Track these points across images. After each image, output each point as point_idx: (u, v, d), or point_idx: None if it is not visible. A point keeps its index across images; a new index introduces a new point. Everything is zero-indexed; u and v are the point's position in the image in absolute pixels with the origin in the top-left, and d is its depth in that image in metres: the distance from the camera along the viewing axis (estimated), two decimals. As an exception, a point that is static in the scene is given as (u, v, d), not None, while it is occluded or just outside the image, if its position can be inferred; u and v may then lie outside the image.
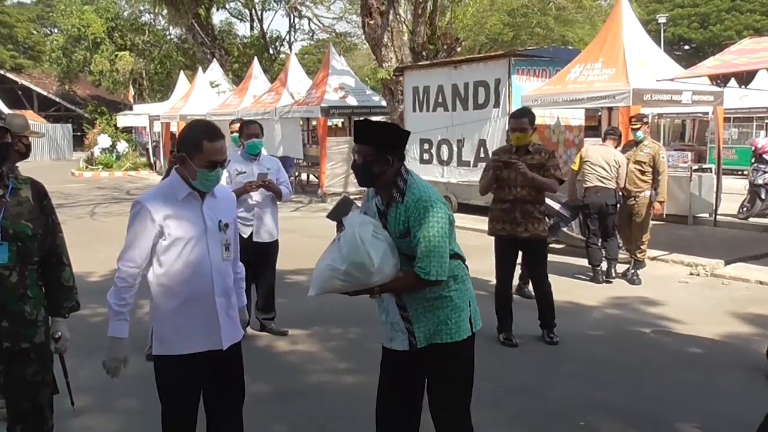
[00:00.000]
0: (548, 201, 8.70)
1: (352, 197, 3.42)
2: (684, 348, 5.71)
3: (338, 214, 3.10)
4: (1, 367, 2.94)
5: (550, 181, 5.70)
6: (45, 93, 42.63)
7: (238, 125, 6.50)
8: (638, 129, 8.12)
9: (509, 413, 4.43)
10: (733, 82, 10.04)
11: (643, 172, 7.92)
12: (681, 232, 10.88)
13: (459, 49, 17.35)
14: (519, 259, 6.06)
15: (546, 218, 8.45)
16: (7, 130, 2.99)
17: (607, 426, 4.23)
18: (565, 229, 9.30)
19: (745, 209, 12.19)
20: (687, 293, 7.46)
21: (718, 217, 11.65)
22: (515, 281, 6.34)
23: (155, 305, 3.11)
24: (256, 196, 5.88)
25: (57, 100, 42.79)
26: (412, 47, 16.63)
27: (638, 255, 8.06)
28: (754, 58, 8.62)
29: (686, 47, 48.00)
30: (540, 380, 4.97)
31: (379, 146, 3.03)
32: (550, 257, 6.42)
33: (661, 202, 8.02)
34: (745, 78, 9.22)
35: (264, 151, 6.20)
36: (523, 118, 5.83)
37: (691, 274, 8.36)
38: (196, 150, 3.00)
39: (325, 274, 2.97)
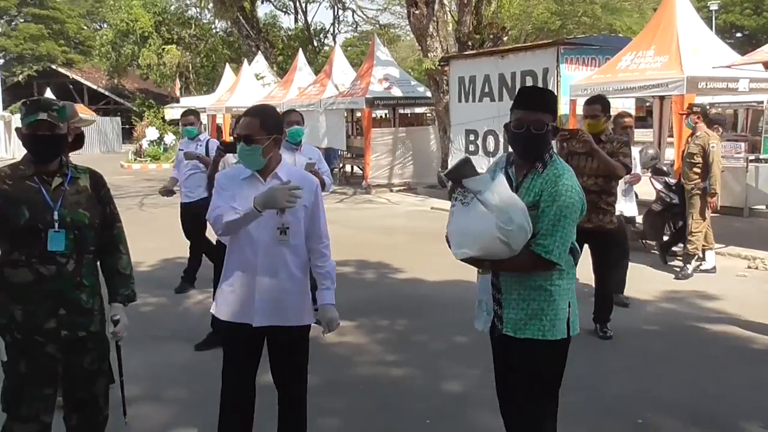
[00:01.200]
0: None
1: (395, 189, 3.37)
2: (745, 344, 5.50)
3: (459, 174, 2.84)
4: (60, 356, 2.94)
5: (616, 163, 5.49)
6: (95, 87, 43.48)
7: (192, 116, 7.18)
8: (687, 116, 7.91)
9: (564, 409, 4.27)
10: None
11: (693, 164, 7.65)
12: (737, 225, 10.53)
13: (505, 39, 17.06)
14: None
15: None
16: (63, 121, 2.96)
17: (666, 423, 4.08)
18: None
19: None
20: (745, 287, 7.19)
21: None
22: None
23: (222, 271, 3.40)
24: None
25: (106, 93, 43.63)
26: (458, 37, 16.43)
27: (689, 248, 7.79)
28: (817, 43, 8.25)
29: (738, 35, 46.56)
30: (595, 375, 4.83)
31: (555, 114, 2.95)
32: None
33: (712, 195, 7.70)
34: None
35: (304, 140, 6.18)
36: (595, 104, 5.68)
37: (749, 267, 8.07)
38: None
39: (489, 233, 2.71)
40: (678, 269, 7.77)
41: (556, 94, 3.13)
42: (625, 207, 6.96)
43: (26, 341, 2.87)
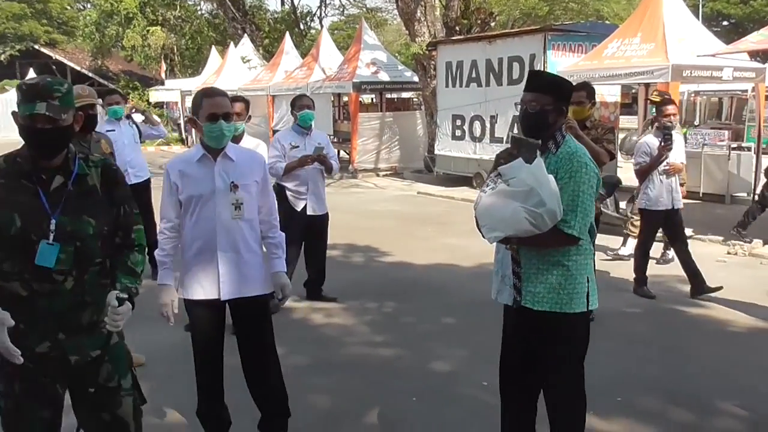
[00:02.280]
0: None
1: (382, 173, 3.48)
2: (723, 326, 5.66)
3: (521, 151, 2.95)
4: (61, 377, 2.54)
5: (600, 149, 5.57)
6: (78, 68, 42.99)
7: (115, 96, 7.14)
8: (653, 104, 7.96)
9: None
10: None
11: None
12: (718, 211, 10.71)
13: (493, 24, 17.13)
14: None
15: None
16: (67, 109, 2.41)
17: (644, 402, 4.21)
18: (600, 207, 9.21)
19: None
20: (725, 272, 7.35)
21: (756, 196, 11.43)
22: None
23: (182, 255, 3.49)
24: (309, 170, 5.94)
25: (90, 75, 43.12)
26: (446, 22, 16.45)
27: (631, 229, 8.01)
28: (800, 32, 8.39)
29: (725, 23, 46.76)
30: (577, 356, 4.96)
31: (557, 96, 3.06)
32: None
33: (681, 185, 7.81)
34: (786, 53, 9.02)
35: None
36: (580, 91, 5.73)
37: (729, 253, 8.24)
38: (198, 108, 3.35)
39: (520, 216, 2.84)
40: (659, 255, 7.91)
41: (566, 81, 3.31)
42: (666, 197, 6.41)
43: (8, 363, 2.40)
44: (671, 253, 7.82)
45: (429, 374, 4.69)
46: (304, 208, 5.99)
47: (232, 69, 23.33)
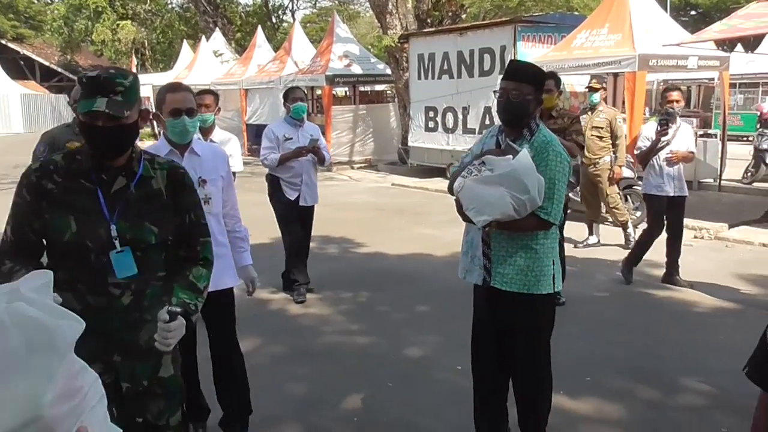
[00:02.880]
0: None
1: (356, 166, 3.55)
2: (689, 308, 5.84)
3: (506, 151, 3.11)
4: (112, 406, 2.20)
5: (570, 145, 5.73)
6: (47, 63, 42.38)
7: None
8: (597, 90, 8.00)
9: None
10: (739, 47, 10.02)
11: (601, 138, 7.87)
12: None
13: (464, 16, 17.23)
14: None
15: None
16: (131, 105, 2.18)
17: (612, 381, 4.36)
18: (570, 194, 9.38)
19: (749, 174, 12.24)
20: (692, 256, 7.55)
21: (722, 182, 11.72)
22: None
23: None
24: (303, 161, 6.03)
25: (59, 70, 42.57)
26: (417, 14, 16.52)
27: (619, 219, 8.14)
28: (761, 22, 8.61)
29: (693, 12, 47.38)
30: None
31: (537, 87, 3.17)
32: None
33: (620, 167, 8.02)
34: (752, 43, 9.22)
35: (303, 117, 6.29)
36: (548, 79, 5.87)
37: (696, 237, 8.45)
38: (162, 103, 3.31)
39: (505, 200, 2.98)
40: (626, 240, 8.08)
41: (543, 71, 3.47)
42: (668, 183, 6.31)
43: None
44: (593, 238, 8.05)
45: (404, 360, 4.79)
46: (298, 198, 6.09)
47: (205, 63, 23.20)
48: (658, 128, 6.15)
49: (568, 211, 9.58)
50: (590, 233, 8.23)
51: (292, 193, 6.09)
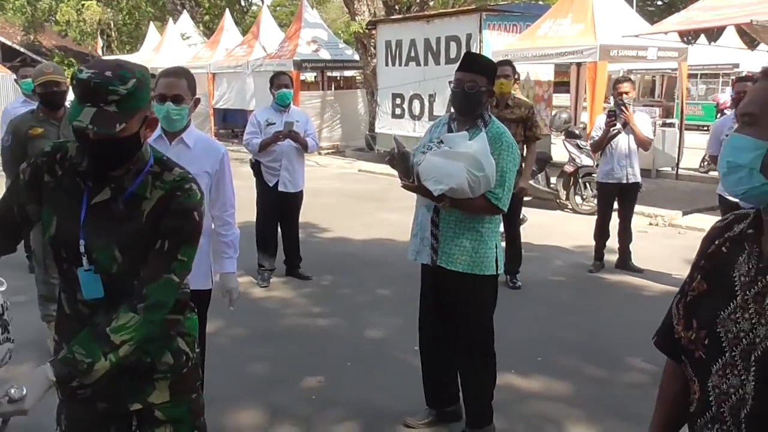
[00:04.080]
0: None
1: (324, 152, 3.62)
2: (639, 291, 6.08)
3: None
4: (106, 424, 2.12)
5: (532, 156, 6.01)
6: (9, 43, 41.39)
7: (30, 70, 6.42)
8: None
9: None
10: (702, 38, 10.31)
11: None
12: (644, 185, 11.21)
13: (432, 3, 17.31)
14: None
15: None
16: (132, 113, 1.84)
17: (561, 360, 4.56)
18: (532, 182, 9.58)
19: (706, 163, 12.57)
20: (645, 242, 7.81)
21: (679, 170, 12.03)
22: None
23: None
24: (283, 146, 6.07)
25: (22, 50, 41.57)
26: (385, 1, 16.57)
27: None
28: (716, 14, 8.86)
29: (659, 2, 48.03)
30: (503, 321, 5.21)
31: (490, 78, 3.33)
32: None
33: None
34: (715, 34, 9.49)
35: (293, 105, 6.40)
36: (506, 66, 6.03)
37: (651, 224, 8.72)
38: (155, 87, 3.18)
39: (462, 174, 3.13)
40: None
41: (493, 61, 3.68)
42: (619, 170, 6.50)
43: (64, 393, 2.05)
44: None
45: (363, 341, 4.93)
46: (276, 184, 6.17)
47: (172, 46, 22.94)
48: (606, 119, 6.35)
49: (527, 198, 9.83)
50: None
51: (271, 178, 6.18)
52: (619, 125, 6.27)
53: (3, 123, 5.78)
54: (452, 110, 3.47)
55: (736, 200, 6.04)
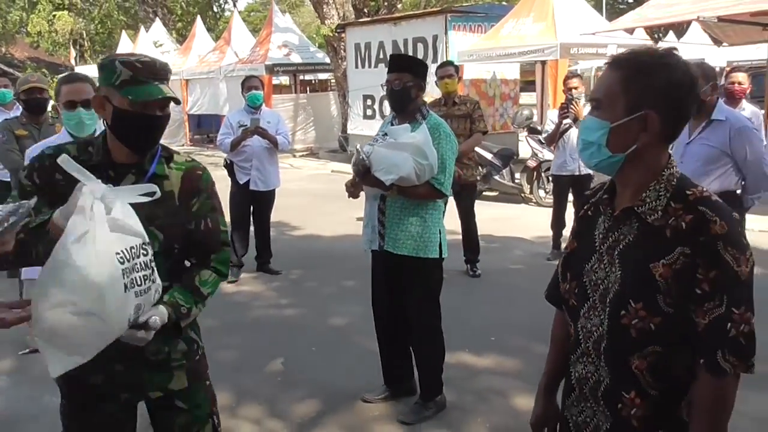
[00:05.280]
0: (481, 151, 9.30)
1: (298, 154, 3.87)
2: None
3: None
4: (127, 417, 2.22)
5: (474, 140, 6.23)
6: (-20, 55, 41.19)
7: (5, 80, 6.85)
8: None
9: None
10: (671, 35, 10.68)
11: None
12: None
13: (400, 6, 17.60)
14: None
15: (479, 167, 9.04)
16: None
17: (513, 340, 4.84)
18: (497, 177, 9.91)
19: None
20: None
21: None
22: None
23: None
24: (254, 146, 6.32)
25: (-6, 62, 41.42)
26: (354, 4, 16.81)
27: None
28: (667, 12, 9.22)
29: (631, 0, 48.78)
30: (462, 307, 5.55)
31: (415, 74, 3.60)
32: (485, 202, 7.00)
33: None
34: (683, 30, 9.83)
35: (265, 107, 6.66)
36: (448, 66, 6.34)
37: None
38: (58, 95, 3.33)
39: (409, 163, 3.39)
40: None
41: (421, 60, 4.00)
42: (571, 163, 6.66)
43: (72, 391, 2.16)
44: None
45: (327, 329, 5.19)
46: (247, 182, 6.41)
47: (144, 54, 23.00)
48: (559, 112, 6.66)
49: (493, 194, 10.14)
50: None
51: (242, 176, 6.44)
52: (569, 119, 6.56)
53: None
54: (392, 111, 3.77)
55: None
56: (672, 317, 1.51)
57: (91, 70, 26.20)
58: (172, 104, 2.03)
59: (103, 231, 1.73)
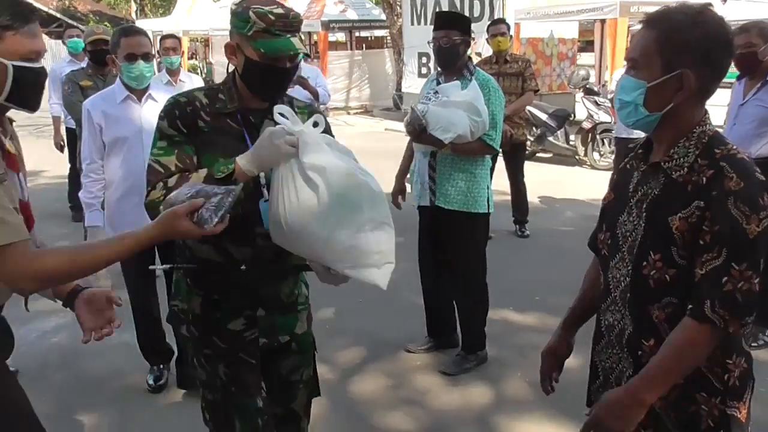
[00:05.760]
0: (535, 111, 9.22)
1: (353, 112, 3.96)
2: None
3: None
4: (255, 362, 2.19)
5: (525, 99, 6.20)
6: (45, 9, 42.13)
7: (76, 31, 7.05)
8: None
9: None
10: None
11: None
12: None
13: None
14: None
15: (533, 127, 8.98)
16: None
17: (557, 300, 4.83)
18: (551, 139, 9.81)
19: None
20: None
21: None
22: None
23: (106, 195, 3.47)
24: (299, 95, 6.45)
25: (58, 15, 42.34)
26: (412, -40, 16.60)
27: None
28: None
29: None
30: (507, 265, 5.61)
31: (462, 30, 3.66)
32: (539, 164, 6.95)
33: None
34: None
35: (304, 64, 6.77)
36: (500, 24, 6.30)
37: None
38: (117, 47, 3.35)
39: (465, 121, 3.48)
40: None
41: (467, 17, 4.05)
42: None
43: (206, 341, 2.15)
44: None
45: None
46: None
47: (203, 8, 23.24)
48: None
49: (548, 155, 10.06)
50: None
51: None
52: None
53: (51, 81, 6.43)
54: (438, 68, 3.80)
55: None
56: (685, 269, 1.56)
57: (150, 24, 26.71)
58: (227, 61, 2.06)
59: (338, 157, 1.93)
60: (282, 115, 1.91)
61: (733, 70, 4.18)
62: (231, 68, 2.09)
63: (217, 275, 2.10)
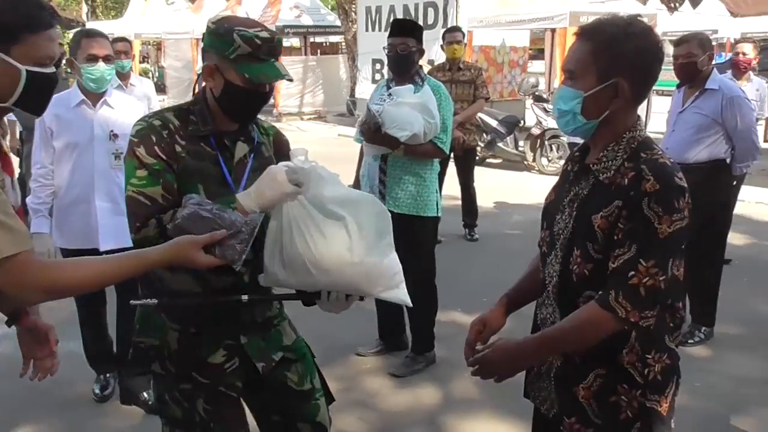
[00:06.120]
0: (485, 117, 9.39)
1: (306, 117, 4.00)
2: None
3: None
4: (243, 385, 2.12)
5: (476, 106, 6.33)
6: (-8, 9, 41.09)
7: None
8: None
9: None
10: (687, 5, 10.61)
11: None
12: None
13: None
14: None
15: (483, 133, 9.14)
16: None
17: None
18: (501, 145, 9.99)
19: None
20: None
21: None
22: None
23: (54, 202, 3.38)
24: None
25: (5, 16, 41.31)
26: (366, -34, 16.71)
27: None
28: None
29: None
30: (457, 268, 5.72)
31: (418, 39, 3.75)
32: (489, 169, 7.07)
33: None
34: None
35: None
36: (456, 32, 6.42)
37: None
38: (77, 49, 3.26)
39: (420, 121, 3.56)
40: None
41: (419, 24, 4.12)
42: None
43: (184, 376, 2.02)
44: None
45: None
46: None
47: (156, 11, 22.96)
48: None
49: (497, 161, 10.24)
50: None
51: None
52: None
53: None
54: (390, 74, 3.88)
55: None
56: (602, 263, 1.65)
57: (102, 26, 26.19)
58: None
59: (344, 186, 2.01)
60: (296, 156, 1.90)
61: (672, 78, 4.38)
62: (198, 87, 2.03)
63: (198, 307, 1.99)
